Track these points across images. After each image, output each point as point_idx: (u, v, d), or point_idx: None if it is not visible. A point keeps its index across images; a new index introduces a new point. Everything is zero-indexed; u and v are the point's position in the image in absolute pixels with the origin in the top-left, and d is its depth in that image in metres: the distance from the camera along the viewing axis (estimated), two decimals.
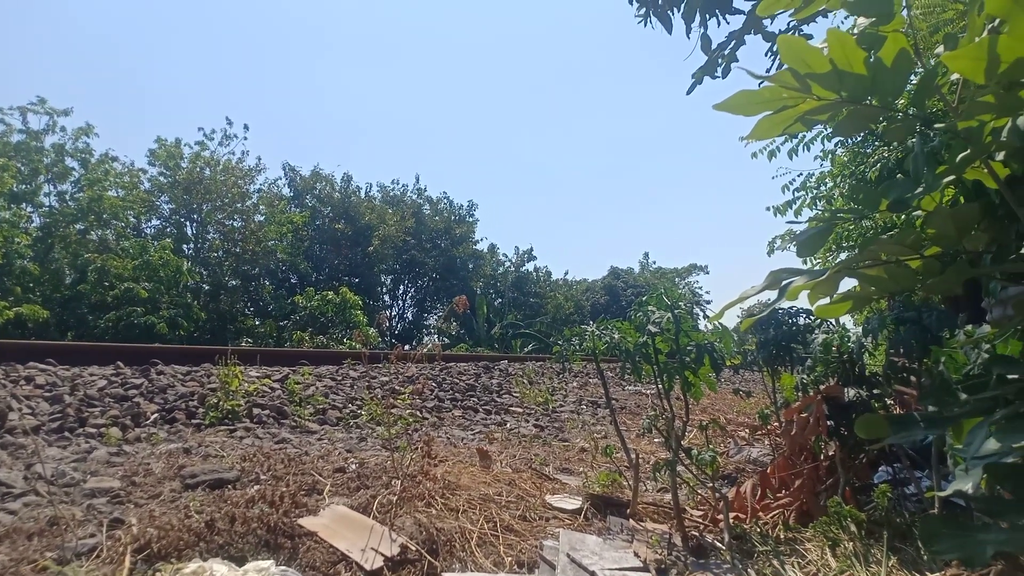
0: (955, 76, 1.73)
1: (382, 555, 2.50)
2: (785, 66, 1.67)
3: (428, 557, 2.60)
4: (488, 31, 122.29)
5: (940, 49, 1.76)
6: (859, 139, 7.64)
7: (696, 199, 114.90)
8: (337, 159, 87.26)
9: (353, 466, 3.84)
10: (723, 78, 4.96)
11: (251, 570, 2.20)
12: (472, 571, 2.61)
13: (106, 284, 20.28)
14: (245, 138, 31.65)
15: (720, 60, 4.92)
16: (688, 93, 5.21)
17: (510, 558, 2.75)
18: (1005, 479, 1.39)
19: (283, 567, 2.35)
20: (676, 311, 3.25)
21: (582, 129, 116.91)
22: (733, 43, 4.79)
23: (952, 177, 1.63)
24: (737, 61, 4.89)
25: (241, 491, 3.09)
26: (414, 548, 2.62)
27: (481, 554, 2.75)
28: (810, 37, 4.61)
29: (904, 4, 1.70)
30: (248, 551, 2.44)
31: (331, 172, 38.36)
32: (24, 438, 4.06)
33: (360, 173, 72.46)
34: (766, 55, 5.26)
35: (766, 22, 4.76)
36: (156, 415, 5.29)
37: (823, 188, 8.84)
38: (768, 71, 4.84)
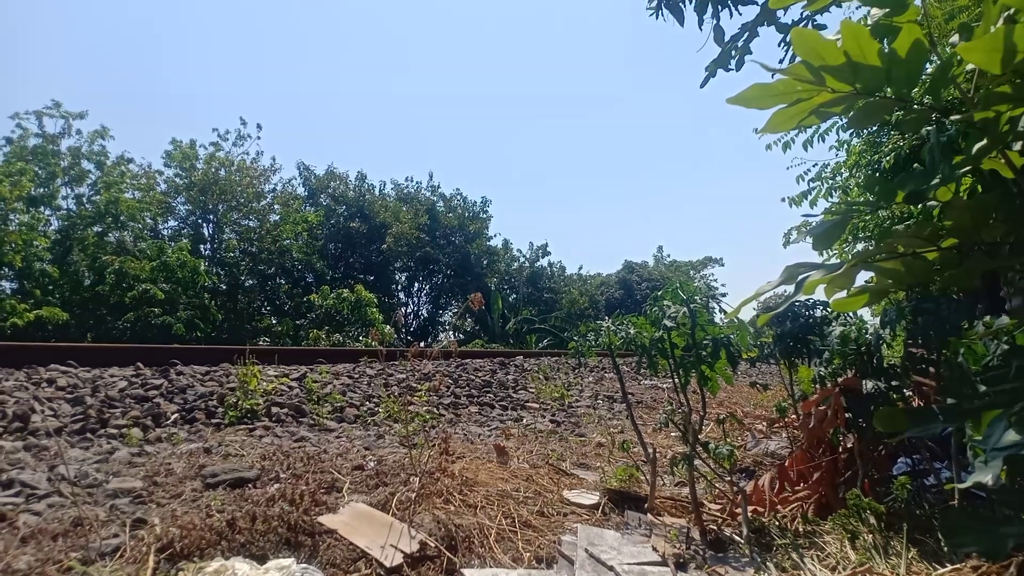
0: (971, 66, 1.72)
1: (402, 552, 2.52)
2: (799, 58, 1.67)
3: (447, 553, 2.61)
4: (502, 26, 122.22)
5: (955, 39, 1.75)
6: (874, 128, 7.58)
7: (710, 191, 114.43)
8: (351, 157, 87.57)
9: (372, 463, 3.86)
10: (736, 71, 4.92)
11: (272, 568, 2.22)
12: (491, 567, 2.62)
13: (124, 286, 20.42)
14: (259, 138, 32.15)
15: (733, 52, 4.88)
16: (702, 86, 5.18)
17: (528, 553, 2.76)
18: None
19: (304, 565, 2.36)
20: (692, 305, 3.24)
21: (596, 123, 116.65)
22: (746, 35, 4.76)
23: (968, 167, 1.62)
24: (750, 53, 4.86)
25: (261, 490, 3.12)
26: (433, 544, 2.64)
27: (500, 550, 2.76)
28: (824, 28, 4.58)
29: None
30: (269, 549, 2.46)
31: (345, 171, 38.52)
32: (47, 440, 4.11)
33: (374, 171, 72.72)
34: (779, 46, 5.23)
35: (779, 13, 4.72)
36: (176, 415, 5.33)
37: (839, 178, 8.78)
38: (781, 62, 4.82)
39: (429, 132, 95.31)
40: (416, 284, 40.41)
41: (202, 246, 28.26)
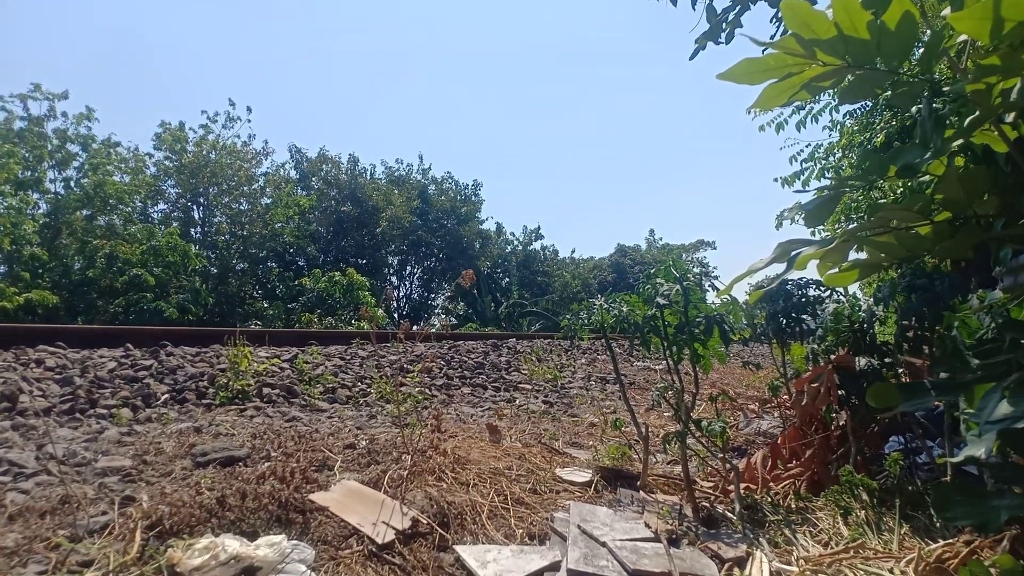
0: (962, 38, 1.71)
1: (393, 528, 2.51)
2: (789, 32, 1.65)
3: (439, 530, 2.61)
4: (491, 7, 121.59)
5: (947, 11, 1.74)
6: (867, 108, 7.58)
7: (703, 174, 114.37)
8: (342, 139, 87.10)
9: (363, 442, 3.85)
10: (727, 43, 4.88)
11: (263, 544, 2.21)
12: (483, 543, 2.62)
13: (114, 270, 20.31)
14: (249, 120, 31.85)
15: (724, 25, 4.84)
16: (691, 59, 5.16)
17: (521, 530, 2.76)
18: (1018, 444, 1.38)
19: (295, 541, 2.36)
20: (684, 283, 3.24)
21: (587, 106, 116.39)
22: (738, 8, 4.72)
23: (960, 141, 1.61)
24: (741, 27, 4.82)
25: (252, 468, 3.11)
26: (425, 521, 2.64)
27: (492, 526, 2.76)
28: (815, 1, 4.55)
29: None
30: (260, 526, 2.45)
31: (337, 154, 38.24)
32: (35, 419, 4.08)
33: (364, 152, 72.34)
34: (771, 22, 5.20)
35: None
36: (167, 395, 5.31)
37: (831, 159, 8.79)
38: (773, 38, 4.79)
39: (420, 115, 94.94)
40: (408, 267, 40.25)
41: (192, 229, 28.09)
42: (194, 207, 28.73)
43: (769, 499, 3.24)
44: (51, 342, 6.41)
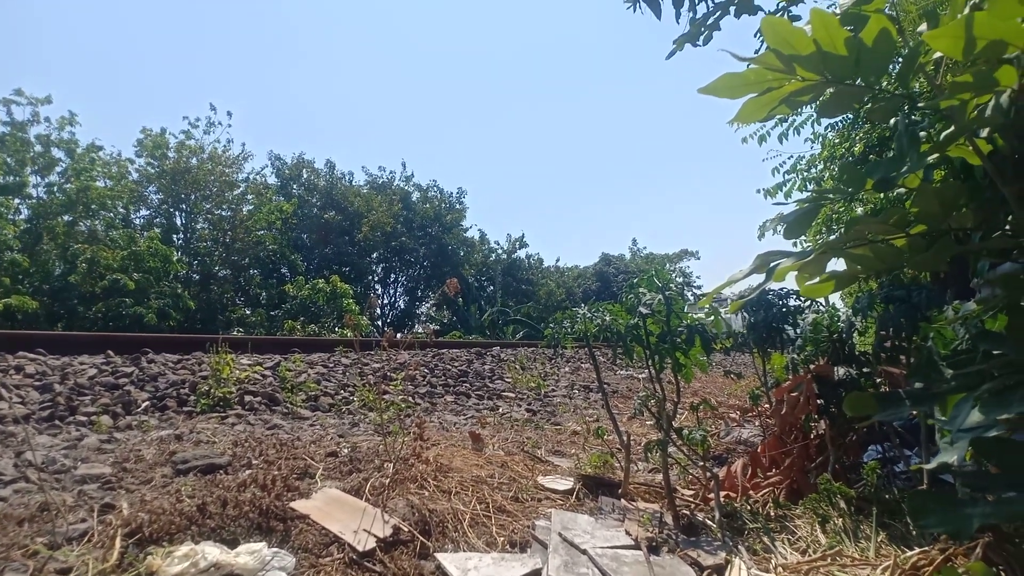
0: (938, 54, 1.74)
1: (375, 536, 2.52)
2: (770, 47, 1.67)
3: (421, 538, 2.61)
4: (474, 15, 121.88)
5: (923, 27, 1.77)
6: (849, 121, 7.66)
7: (687, 184, 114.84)
8: (319, 146, 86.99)
9: (345, 450, 3.84)
10: (703, 45, 4.90)
11: (243, 552, 2.20)
12: (465, 551, 2.62)
13: (95, 275, 20.13)
14: (229, 125, 31.68)
15: (703, 29, 4.88)
16: (667, 58, 5.17)
17: (503, 538, 2.77)
18: (990, 453, 1.40)
19: (275, 549, 2.35)
20: (667, 293, 3.26)
21: (572, 115, 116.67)
22: (719, 13, 4.75)
23: (937, 156, 1.64)
24: (719, 30, 4.85)
25: (233, 475, 3.10)
26: (407, 529, 2.64)
27: (474, 534, 2.76)
28: (797, 19, 4.59)
29: None
30: (240, 534, 2.45)
31: (312, 159, 38.08)
32: (14, 426, 4.05)
33: (345, 160, 72.02)
34: (755, 36, 5.25)
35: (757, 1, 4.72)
36: (147, 403, 5.28)
37: (813, 171, 8.87)
38: (756, 52, 4.83)
39: (401, 123, 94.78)
40: (392, 275, 40.15)
41: (175, 235, 27.88)
42: (176, 213, 28.53)
43: (749, 507, 3.27)
44: (31, 348, 6.36)
